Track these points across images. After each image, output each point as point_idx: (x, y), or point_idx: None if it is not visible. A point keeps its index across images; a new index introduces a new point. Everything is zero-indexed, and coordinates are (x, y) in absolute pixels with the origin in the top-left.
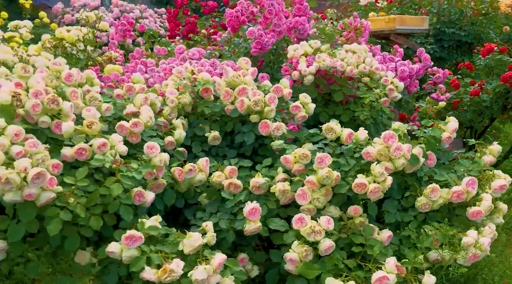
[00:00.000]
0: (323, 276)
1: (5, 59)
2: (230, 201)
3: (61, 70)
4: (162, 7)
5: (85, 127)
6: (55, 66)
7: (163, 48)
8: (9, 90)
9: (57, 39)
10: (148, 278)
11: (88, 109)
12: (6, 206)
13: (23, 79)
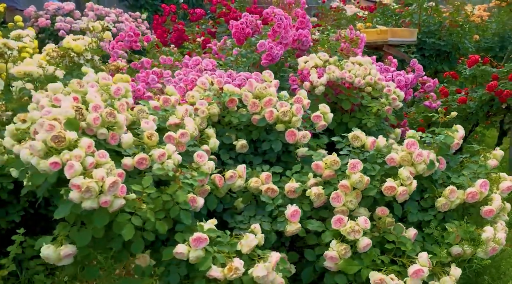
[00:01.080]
0: (362, 271)
1: (31, 71)
2: (270, 204)
3: (110, 84)
4: (137, 11)
5: (146, 138)
6: (104, 80)
7: (169, 58)
8: (71, 105)
9: (64, 49)
10: (216, 276)
11: (147, 122)
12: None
13: (78, 93)
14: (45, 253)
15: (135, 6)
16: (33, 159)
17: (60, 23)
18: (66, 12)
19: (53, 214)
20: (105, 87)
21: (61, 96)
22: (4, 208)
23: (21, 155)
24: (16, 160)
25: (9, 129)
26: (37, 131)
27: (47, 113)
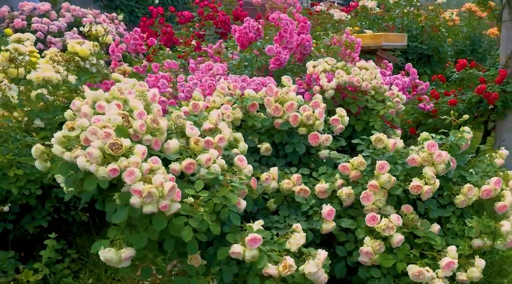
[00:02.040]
0: (397, 265)
1: (50, 77)
2: (305, 205)
3: (145, 90)
4: (112, 12)
5: (192, 144)
6: (141, 87)
7: (173, 62)
8: (117, 112)
9: (70, 53)
10: (271, 273)
11: (192, 128)
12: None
13: (119, 100)
14: (107, 256)
15: (110, 6)
16: (91, 166)
17: (37, 24)
18: (42, 13)
19: (111, 219)
20: (142, 94)
21: (104, 103)
22: (30, 213)
23: (78, 162)
24: (61, 167)
25: (57, 137)
26: (88, 138)
27: (96, 121)
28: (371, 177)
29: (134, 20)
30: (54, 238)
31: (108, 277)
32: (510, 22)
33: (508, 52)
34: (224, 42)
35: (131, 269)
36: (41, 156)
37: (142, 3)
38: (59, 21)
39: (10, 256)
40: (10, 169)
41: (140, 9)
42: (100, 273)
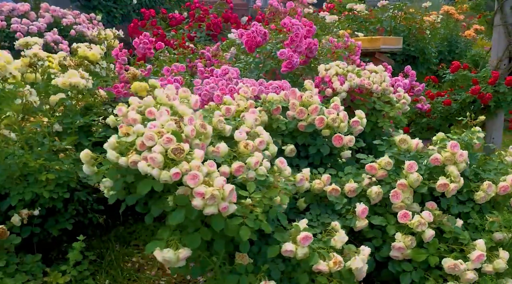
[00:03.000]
0: (429, 258)
1: (77, 83)
2: (338, 203)
3: (188, 96)
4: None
5: (242, 148)
6: (184, 93)
7: (181, 65)
8: (169, 118)
9: (81, 57)
10: (322, 269)
11: (240, 132)
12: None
13: (166, 106)
14: (166, 256)
15: (87, 7)
16: (153, 170)
17: (16, 24)
18: (21, 13)
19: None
20: (185, 99)
21: (154, 109)
22: (54, 216)
23: (139, 167)
24: (110, 171)
25: (110, 142)
26: (145, 143)
27: (152, 127)
28: (397, 176)
29: (112, 20)
30: (71, 240)
31: (124, 278)
32: (501, 27)
33: (500, 55)
34: (216, 43)
35: (185, 269)
36: (90, 161)
37: (120, 4)
38: (38, 22)
39: (37, 260)
40: (41, 173)
41: (118, 10)
42: (116, 274)
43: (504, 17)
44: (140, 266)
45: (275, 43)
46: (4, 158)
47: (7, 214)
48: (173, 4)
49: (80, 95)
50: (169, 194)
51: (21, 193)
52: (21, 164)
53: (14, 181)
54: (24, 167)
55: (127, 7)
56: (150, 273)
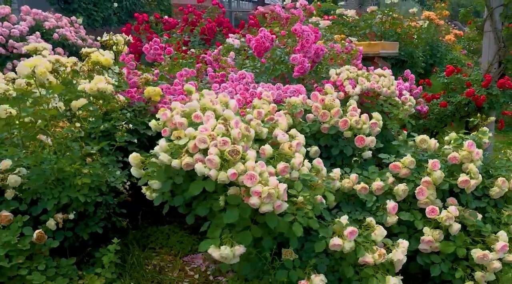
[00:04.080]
0: (457, 250)
1: (104, 88)
2: (369, 201)
3: (227, 100)
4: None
5: (286, 149)
6: (224, 98)
7: (192, 71)
8: (217, 122)
9: (94, 63)
10: (368, 261)
11: (283, 134)
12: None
13: (210, 110)
14: (223, 253)
15: (67, 9)
16: (210, 171)
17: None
18: (2, 16)
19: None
20: (225, 103)
21: (200, 113)
22: (83, 220)
23: (196, 168)
24: (158, 173)
25: (162, 146)
26: (198, 146)
27: (204, 130)
28: (419, 174)
29: (92, 23)
30: (96, 244)
31: (147, 280)
32: (491, 33)
33: (490, 59)
34: (209, 47)
35: (238, 266)
36: (138, 164)
37: (100, 7)
38: (20, 25)
39: (72, 263)
40: (75, 178)
41: (99, 13)
42: (140, 276)
43: (494, 24)
44: (160, 268)
45: (283, 49)
46: (40, 163)
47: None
48: (153, 7)
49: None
50: (216, 195)
51: (57, 198)
52: (56, 169)
53: (47, 186)
54: (59, 172)
55: (107, 10)
56: (172, 274)
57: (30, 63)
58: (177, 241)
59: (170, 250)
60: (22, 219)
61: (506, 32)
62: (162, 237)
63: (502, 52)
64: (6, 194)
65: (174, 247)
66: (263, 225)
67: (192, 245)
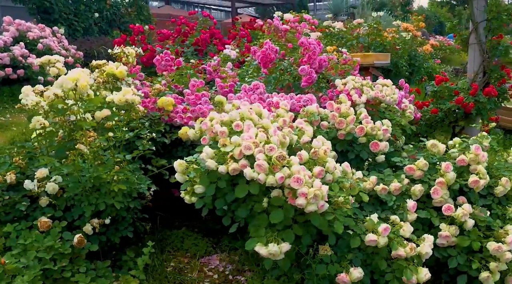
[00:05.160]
0: (473, 244)
1: (132, 99)
2: (389, 200)
3: (261, 110)
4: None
5: (322, 154)
6: (258, 108)
7: (201, 81)
8: (257, 130)
9: (109, 75)
10: (400, 254)
11: (317, 140)
12: None
13: (249, 120)
14: (272, 250)
15: (48, 20)
16: (259, 175)
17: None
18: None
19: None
20: (258, 113)
21: (241, 123)
22: (113, 225)
23: (246, 173)
24: (201, 178)
25: (209, 153)
26: (244, 153)
27: (248, 138)
28: (431, 175)
29: (73, 33)
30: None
31: (170, 281)
32: (476, 45)
33: (476, 69)
34: (202, 58)
35: (282, 261)
36: (183, 170)
37: (80, 17)
38: (4, 36)
39: (107, 265)
40: (111, 184)
41: (79, 23)
42: (162, 278)
43: (479, 37)
44: (179, 270)
45: (288, 60)
46: (79, 171)
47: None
48: (133, 17)
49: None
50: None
51: (94, 204)
52: (93, 176)
53: (83, 193)
54: (96, 179)
55: (88, 20)
56: (192, 275)
57: (73, 77)
58: (192, 244)
59: (185, 252)
60: (60, 225)
61: (489, 44)
62: (177, 240)
63: (486, 62)
64: (40, 201)
65: (189, 249)
66: (302, 224)
67: (206, 247)
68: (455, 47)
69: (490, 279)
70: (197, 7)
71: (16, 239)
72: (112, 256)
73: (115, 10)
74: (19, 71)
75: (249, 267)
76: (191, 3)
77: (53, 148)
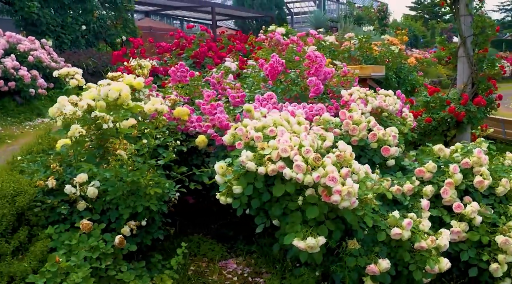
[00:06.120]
0: (482, 238)
1: (162, 108)
2: (404, 200)
3: (289, 117)
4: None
5: (348, 156)
6: (286, 115)
7: (213, 92)
8: (290, 135)
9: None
10: (423, 246)
11: (343, 143)
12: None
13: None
14: (310, 243)
15: (35, 32)
16: (297, 175)
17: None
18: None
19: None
20: (286, 119)
21: (274, 128)
22: (145, 227)
23: (285, 173)
24: (240, 179)
25: (248, 156)
26: (281, 155)
27: (285, 142)
28: (440, 177)
29: (60, 45)
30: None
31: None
32: (465, 58)
33: (465, 80)
34: (200, 70)
35: (318, 254)
36: (223, 173)
37: (67, 29)
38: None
39: (142, 265)
40: (147, 188)
41: (67, 35)
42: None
43: (467, 50)
44: (200, 273)
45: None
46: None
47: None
48: (119, 30)
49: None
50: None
51: (132, 207)
52: (130, 181)
53: (121, 196)
54: (133, 183)
55: (75, 32)
56: (212, 278)
57: (117, 88)
58: (208, 249)
59: (202, 257)
60: (100, 227)
61: (476, 57)
62: (193, 246)
63: (474, 74)
64: (78, 205)
65: (206, 254)
66: (332, 220)
67: (222, 252)
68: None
69: (499, 269)
70: (176, 20)
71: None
72: (140, 258)
73: (102, 22)
74: (10, 84)
75: (266, 269)
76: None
77: (82, 155)
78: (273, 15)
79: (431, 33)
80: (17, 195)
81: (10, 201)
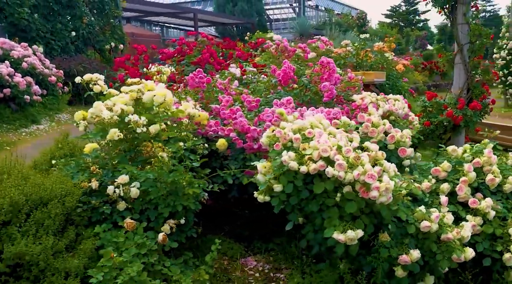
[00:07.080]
0: (496, 230)
1: (194, 113)
2: (424, 197)
3: (322, 120)
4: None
5: (380, 156)
6: (319, 118)
7: (229, 97)
8: (328, 136)
9: None
10: (449, 237)
11: (373, 144)
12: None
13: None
14: (350, 236)
15: (25, 38)
16: (339, 173)
17: None
18: None
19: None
20: (320, 122)
21: (312, 130)
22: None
23: (327, 171)
24: (281, 178)
25: (290, 156)
26: (321, 155)
27: (324, 142)
28: (454, 175)
29: (50, 52)
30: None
31: (220, 279)
32: (461, 64)
33: (461, 86)
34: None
35: (354, 247)
36: (266, 172)
37: (57, 36)
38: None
39: (180, 262)
40: (185, 188)
41: (56, 41)
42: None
43: (463, 57)
44: (224, 270)
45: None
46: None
47: None
48: (107, 36)
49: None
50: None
51: (172, 206)
52: (170, 181)
53: (160, 197)
54: (173, 183)
55: (65, 39)
56: (236, 274)
57: (162, 93)
58: (227, 248)
59: (223, 255)
60: (141, 226)
61: (471, 64)
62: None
63: (470, 80)
64: (118, 206)
65: (227, 252)
66: (367, 215)
67: (240, 250)
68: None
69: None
70: (156, 26)
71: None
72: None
73: (91, 29)
74: (5, 90)
75: (286, 266)
76: (151, 22)
77: (115, 158)
78: (253, 22)
79: (405, 41)
80: (66, 196)
81: (60, 202)
